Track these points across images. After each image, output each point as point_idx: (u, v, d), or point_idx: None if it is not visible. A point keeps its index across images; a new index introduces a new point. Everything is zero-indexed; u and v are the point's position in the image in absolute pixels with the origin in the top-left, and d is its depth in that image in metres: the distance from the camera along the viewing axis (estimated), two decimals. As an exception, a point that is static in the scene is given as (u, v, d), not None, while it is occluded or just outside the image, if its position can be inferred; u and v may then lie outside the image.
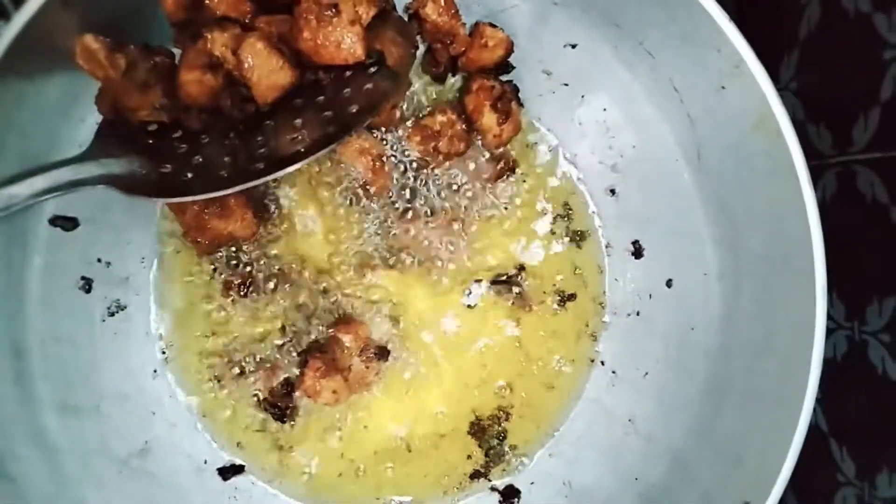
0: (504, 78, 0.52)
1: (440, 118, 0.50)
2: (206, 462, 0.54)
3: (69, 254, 0.49)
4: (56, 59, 0.42)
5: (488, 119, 0.50)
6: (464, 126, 0.51)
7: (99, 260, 0.50)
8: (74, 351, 0.49)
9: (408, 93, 0.52)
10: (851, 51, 0.50)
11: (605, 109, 0.54)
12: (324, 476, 0.55)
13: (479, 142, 0.53)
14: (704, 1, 0.42)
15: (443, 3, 0.47)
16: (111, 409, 0.50)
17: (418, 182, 0.53)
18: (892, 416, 0.48)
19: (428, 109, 0.52)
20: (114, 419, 0.50)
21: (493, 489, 0.56)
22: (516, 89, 0.52)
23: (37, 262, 0.47)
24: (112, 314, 0.51)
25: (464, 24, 0.49)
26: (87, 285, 0.50)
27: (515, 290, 0.55)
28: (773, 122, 0.43)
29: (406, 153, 0.52)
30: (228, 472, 0.54)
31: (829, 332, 0.52)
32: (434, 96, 0.54)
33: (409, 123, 0.52)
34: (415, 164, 0.53)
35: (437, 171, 0.53)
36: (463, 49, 0.50)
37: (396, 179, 0.53)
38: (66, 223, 0.48)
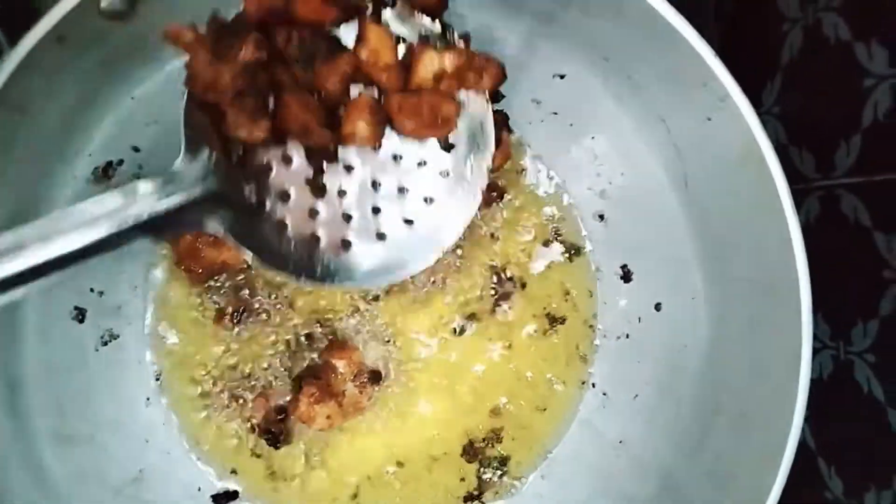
0: (495, 107, 0.52)
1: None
2: (199, 489, 0.53)
3: (63, 284, 0.48)
4: (52, 93, 0.42)
5: None
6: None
7: (92, 290, 0.50)
8: (68, 381, 0.49)
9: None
10: (832, 78, 0.51)
11: (593, 138, 0.54)
12: (318, 501, 0.55)
13: None
14: (690, 37, 0.42)
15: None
16: (105, 437, 0.50)
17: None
18: (879, 436, 0.48)
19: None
20: (108, 448, 0.50)
21: (487, 512, 0.57)
22: (506, 117, 0.52)
23: (30, 294, 0.46)
24: (105, 343, 0.51)
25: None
26: (81, 315, 0.50)
27: (507, 312, 0.56)
28: (758, 154, 0.44)
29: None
30: (222, 498, 0.54)
31: (816, 351, 0.52)
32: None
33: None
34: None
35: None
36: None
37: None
38: None
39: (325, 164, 0.39)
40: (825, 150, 0.52)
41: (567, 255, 0.57)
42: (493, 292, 0.56)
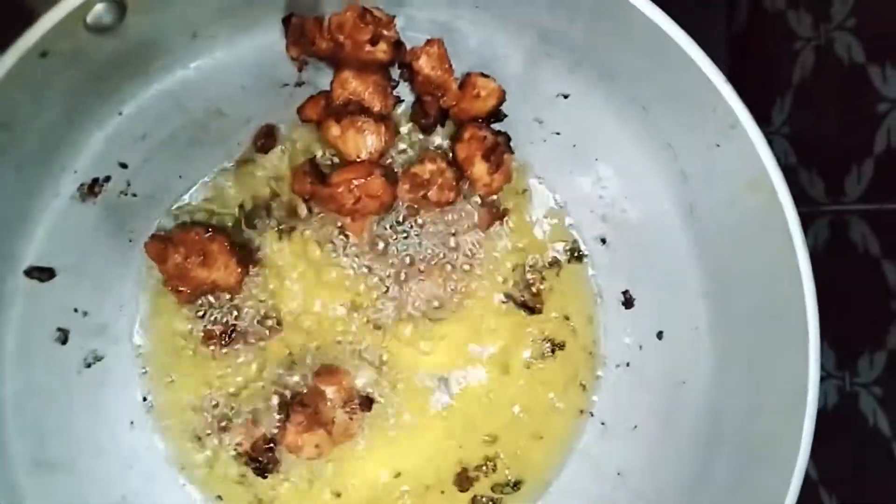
0: (496, 126, 0.51)
1: (430, 167, 0.49)
2: (184, 515, 0.52)
3: (45, 305, 0.47)
4: (36, 109, 0.41)
5: (479, 168, 0.50)
6: (454, 174, 0.50)
7: (76, 310, 0.49)
8: (49, 404, 0.48)
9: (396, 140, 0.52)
10: (845, 100, 0.51)
11: (596, 160, 0.53)
12: (306, 529, 0.54)
13: (467, 187, 0.52)
14: (700, 61, 0.41)
15: (436, 57, 0.47)
16: (87, 463, 0.49)
17: (408, 236, 0.53)
18: (882, 469, 0.48)
19: (417, 157, 0.51)
20: (90, 474, 0.49)
21: (480, 543, 0.56)
22: (508, 138, 0.51)
23: (11, 315, 0.46)
24: (89, 365, 0.50)
25: (456, 79, 0.48)
26: (64, 336, 0.49)
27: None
28: (768, 183, 0.43)
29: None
30: (207, 525, 0.53)
31: (821, 380, 0.51)
32: (422, 144, 0.53)
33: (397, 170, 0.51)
34: (403, 214, 0.52)
35: (426, 225, 0.53)
36: (453, 103, 0.49)
37: (384, 230, 0.52)
38: (42, 274, 0.46)
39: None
40: (835, 175, 0.51)
41: (564, 290, 0.56)
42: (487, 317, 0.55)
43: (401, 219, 0.52)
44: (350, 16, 0.45)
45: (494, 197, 0.53)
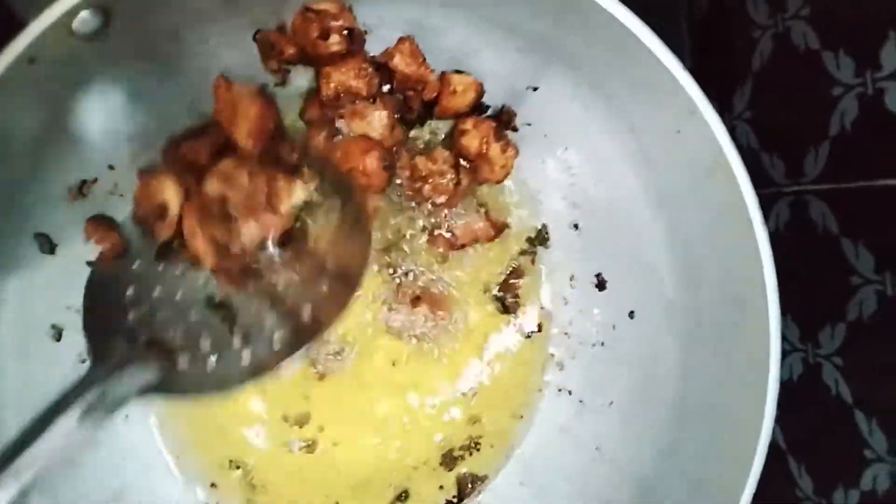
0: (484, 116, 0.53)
1: (430, 165, 0.51)
2: (178, 504, 0.54)
3: (38, 303, 0.48)
4: (24, 113, 0.42)
5: (495, 150, 0.51)
6: (452, 178, 0.51)
7: (68, 307, 0.50)
8: (47, 399, 0.48)
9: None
10: (802, 85, 0.52)
11: (566, 149, 0.55)
12: (298, 512, 0.55)
13: (486, 177, 0.53)
14: (658, 51, 0.43)
15: (409, 53, 0.48)
16: (83, 455, 0.50)
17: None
18: (845, 436, 0.49)
19: (426, 150, 0.53)
20: (86, 466, 0.50)
21: (466, 518, 0.57)
22: (513, 114, 0.53)
23: (7, 314, 0.47)
24: (83, 361, 0.50)
25: (433, 70, 0.49)
26: (58, 333, 0.50)
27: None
28: (727, 166, 0.44)
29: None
30: (202, 512, 0.54)
31: (786, 354, 0.53)
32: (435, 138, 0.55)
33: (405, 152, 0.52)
34: (400, 196, 0.54)
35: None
36: (435, 94, 0.50)
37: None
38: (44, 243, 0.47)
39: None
40: (795, 157, 0.52)
41: (539, 274, 0.57)
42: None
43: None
44: (296, 17, 0.46)
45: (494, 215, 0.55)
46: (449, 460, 0.57)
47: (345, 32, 0.46)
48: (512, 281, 0.57)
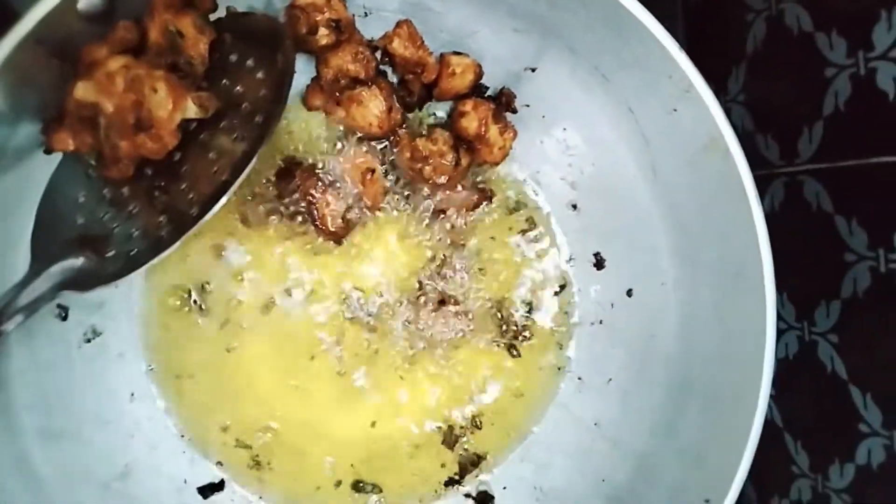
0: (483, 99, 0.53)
1: (430, 146, 0.51)
2: (185, 482, 0.54)
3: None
4: (29, 96, 0.42)
5: (493, 132, 0.51)
6: (452, 160, 0.51)
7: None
8: (53, 378, 0.49)
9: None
10: (795, 67, 0.52)
11: (564, 129, 0.55)
12: (302, 489, 0.56)
13: (485, 159, 0.53)
14: (655, 29, 0.43)
15: (407, 37, 0.48)
16: (92, 433, 0.51)
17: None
18: (840, 412, 0.50)
19: (427, 131, 0.53)
20: (95, 443, 0.51)
21: (468, 495, 0.58)
22: (512, 96, 0.54)
23: (14, 293, 0.47)
24: (88, 340, 0.51)
25: (431, 53, 0.50)
26: (63, 313, 0.50)
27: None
28: (723, 144, 0.45)
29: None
30: (208, 490, 0.54)
31: (781, 332, 0.54)
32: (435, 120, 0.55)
33: (403, 132, 0.53)
34: (401, 181, 0.54)
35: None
36: (434, 77, 0.51)
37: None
38: None
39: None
40: (789, 138, 0.53)
41: (538, 256, 0.58)
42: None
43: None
44: (284, 15, 0.46)
45: (480, 178, 0.56)
46: (450, 438, 0.57)
47: (332, 24, 0.46)
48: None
